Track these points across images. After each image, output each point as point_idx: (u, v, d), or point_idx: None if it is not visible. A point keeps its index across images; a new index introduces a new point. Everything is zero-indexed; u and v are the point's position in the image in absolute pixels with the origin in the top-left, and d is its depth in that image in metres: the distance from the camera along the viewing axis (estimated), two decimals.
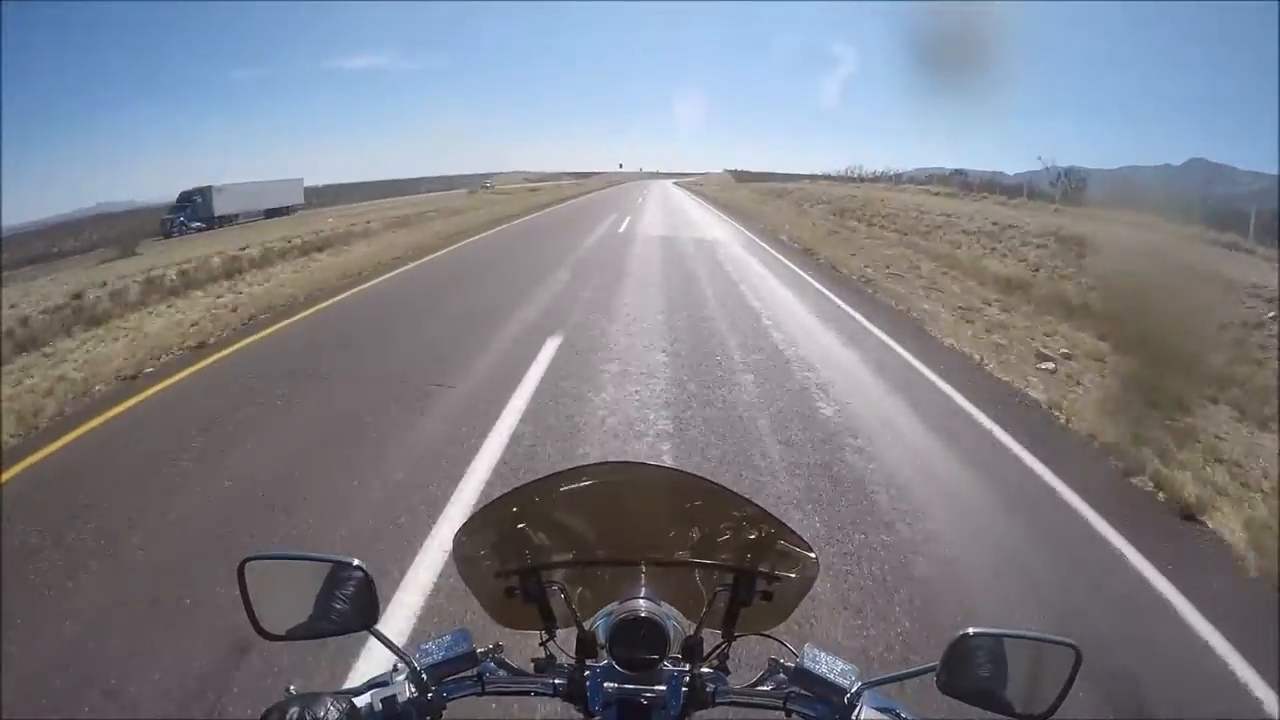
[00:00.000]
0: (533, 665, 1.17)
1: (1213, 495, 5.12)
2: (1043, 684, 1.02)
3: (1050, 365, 8.33)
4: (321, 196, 52.30)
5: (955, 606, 3.73)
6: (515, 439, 5.65)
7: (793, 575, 1.21)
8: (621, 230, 23.95)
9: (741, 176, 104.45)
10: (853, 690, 1.07)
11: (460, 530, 1.21)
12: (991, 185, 30.38)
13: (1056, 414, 6.75)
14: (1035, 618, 3.65)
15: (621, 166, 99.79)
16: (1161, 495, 5.20)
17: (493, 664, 1.15)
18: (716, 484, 1.18)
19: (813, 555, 1.20)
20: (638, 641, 1.09)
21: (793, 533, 1.20)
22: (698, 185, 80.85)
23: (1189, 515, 4.92)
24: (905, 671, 1.06)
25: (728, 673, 1.17)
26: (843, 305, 11.30)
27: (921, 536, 4.40)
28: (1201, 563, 4.39)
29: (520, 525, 1.21)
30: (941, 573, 4.05)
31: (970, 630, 1.02)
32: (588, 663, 1.12)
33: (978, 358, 8.52)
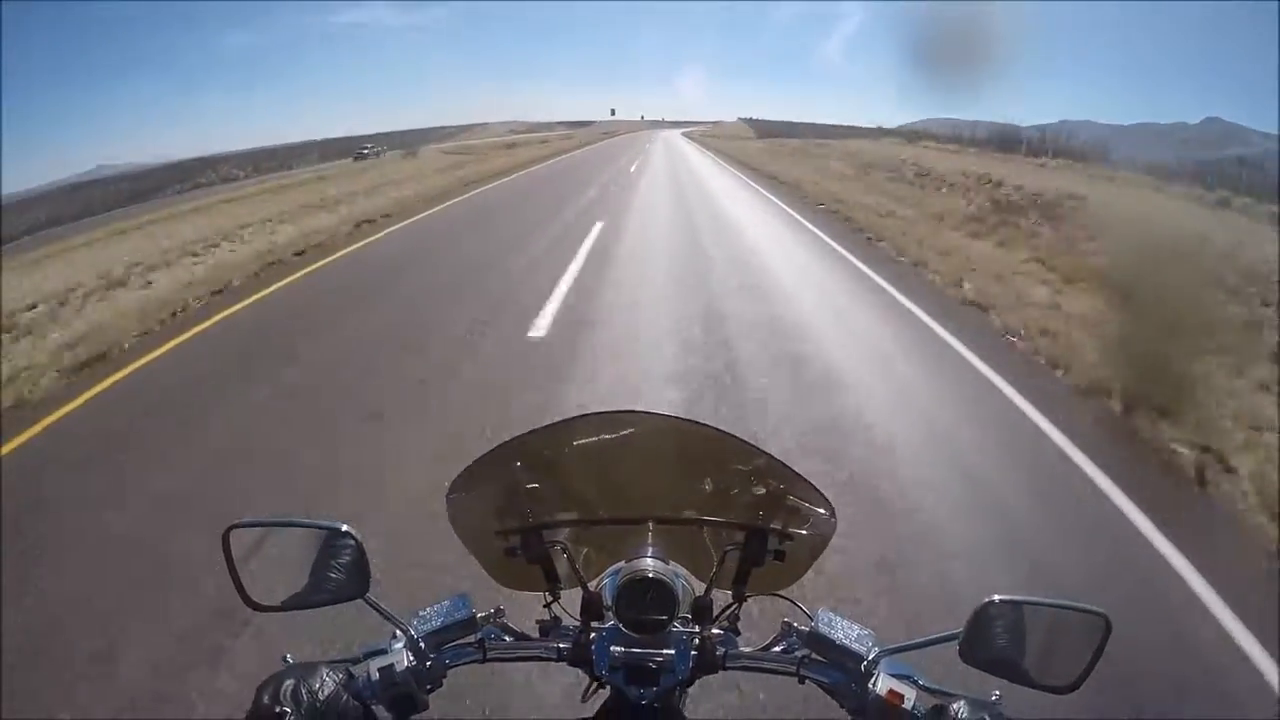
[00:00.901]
0: (537, 628, 1.14)
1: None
2: (1067, 654, 0.98)
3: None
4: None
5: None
6: None
7: (805, 533, 1.14)
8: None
9: (761, 128, 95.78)
10: (870, 657, 1.03)
11: (453, 486, 1.14)
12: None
13: None
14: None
15: (614, 113, 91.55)
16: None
17: (494, 629, 1.12)
18: (728, 433, 1.12)
19: (825, 513, 1.13)
20: (645, 603, 1.05)
21: (809, 485, 1.12)
22: (710, 138, 74.65)
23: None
24: (926, 639, 1.02)
25: (738, 634, 1.14)
26: None
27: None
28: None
29: (519, 480, 1.15)
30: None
31: (995, 598, 0.98)
32: (593, 625, 1.09)
33: None
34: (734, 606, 1.14)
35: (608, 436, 1.16)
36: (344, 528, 1.04)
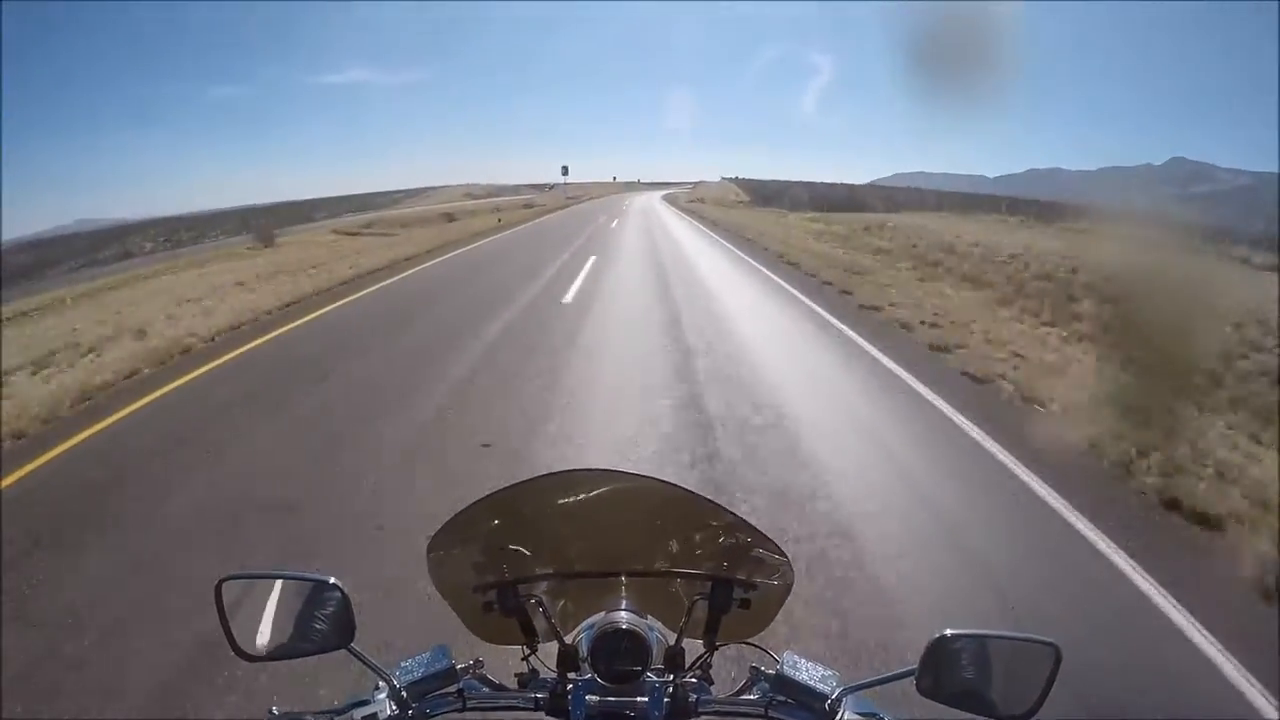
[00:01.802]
0: (515, 680, 1.18)
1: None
2: (1022, 684, 1.02)
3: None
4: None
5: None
6: None
7: (770, 582, 1.22)
8: None
9: (751, 189, 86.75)
10: (833, 696, 1.08)
11: (432, 542, 1.19)
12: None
13: None
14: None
15: (566, 172, 77.06)
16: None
17: (474, 680, 1.16)
18: (693, 492, 1.19)
19: (786, 560, 1.21)
20: (619, 653, 1.09)
21: (768, 539, 1.20)
22: (696, 202, 65.29)
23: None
24: (885, 676, 1.07)
25: (711, 682, 1.20)
26: None
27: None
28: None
29: (495, 538, 1.21)
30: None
31: (948, 632, 1.03)
32: (570, 676, 1.12)
33: None
34: (705, 655, 1.21)
35: (580, 494, 1.21)
36: (331, 580, 1.09)
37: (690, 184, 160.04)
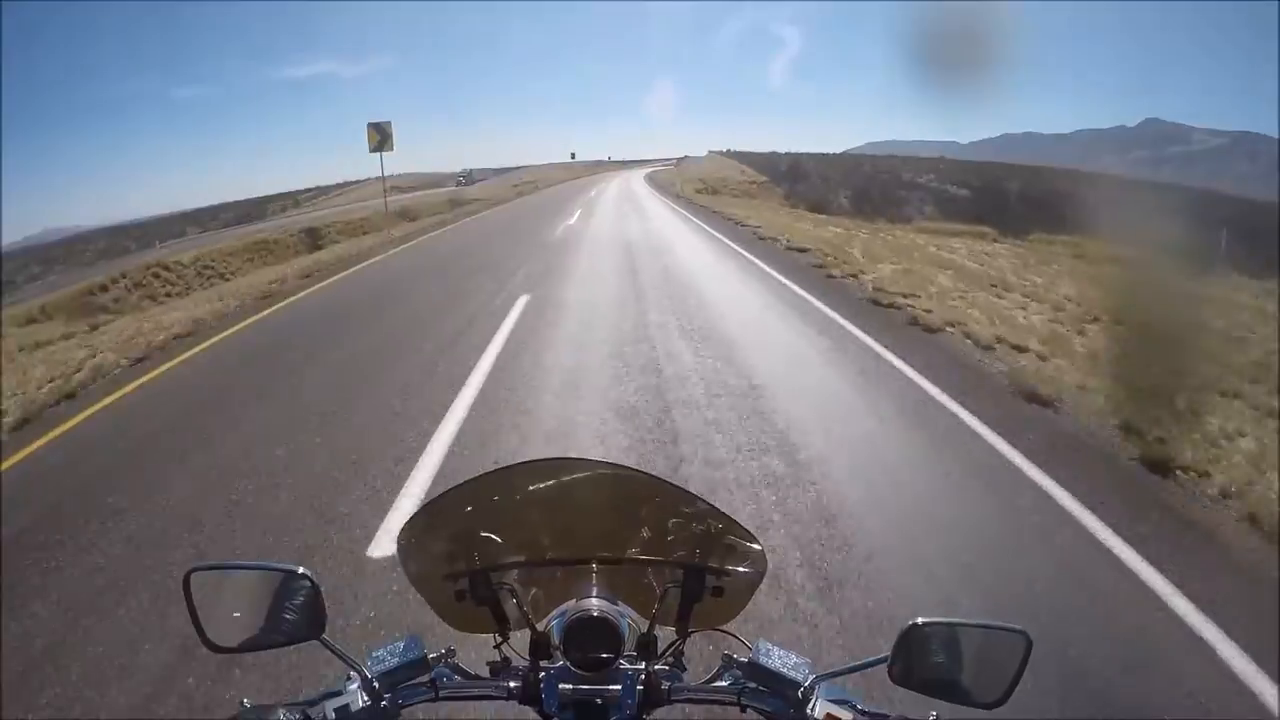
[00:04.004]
0: (488, 669, 1.16)
1: None
2: (992, 671, 1.05)
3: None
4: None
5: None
6: None
7: (742, 570, 1.23)
8: None
9: (762, 165, 75.80)
10: (806, 684, 1.08)
11: (402, 532, 1.21)
12: None
13: None
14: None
15: (466, 173, 73.15)
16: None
17: (446, 669, 1.14)
18: (665, 480, 1.21)
19: (759, 548, 1.22)
20: (592, 641, 1.09)
21: (740, 527, 1.21)
22: (704, 192, 47.54)
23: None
24: (858, 664, 1.10)
25: (683, 669, 1.19)
26: None
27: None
28: None
29: (466, 525, 1.21)
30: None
31: (919, 620, 1.04)
32: (542, 664, 1.12)
33: None
34: (678, 642, 1.21)
35: (552, 482, 1.22)
36: (300, 570, 1.08)
37: (673, 161, 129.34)
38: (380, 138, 23.05)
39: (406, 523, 1.21)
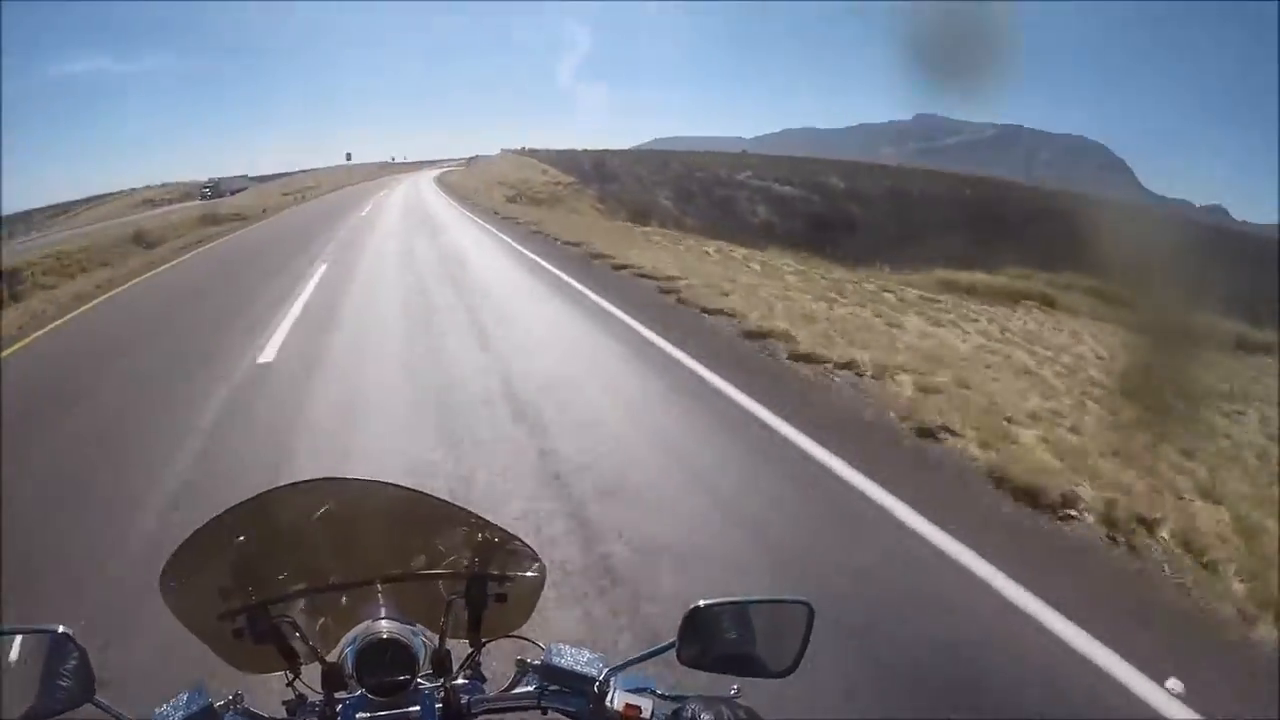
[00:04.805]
0: (283, 709, 1.11)
1: None
2: (782, 642, 1.09)
3: None
4: None
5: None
6: None
7: (524, 574, 1.22)
8: None
9: (568, 164, 66.20)
10: (601, 677, 1.07)
11: (165, 571, 1.11)
12: None
13: None
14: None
15: (212, 183, 61.67)
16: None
17: (236, 715, 1.08)
18: (435, 496, 1.20)
19: (532, 549, 1.22)
20: (386, 664, 1.06)
21: (514, 536, 1.21)
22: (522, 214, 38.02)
23: None
24: (647, 651, 1.10)
25: (484, 680, 1.17)
26: None
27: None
28: None
29: (235, 558, 1.13)
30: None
31: (701, 603, 1.06)
32: (338, 696, 1.07)
33: None
34: (473, 653, 1.18)
35: (320, 505, 1.16)
36: (60, 629, 1.02)
37: (463, 160, 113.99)
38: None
39: (167, 563, 1.10)
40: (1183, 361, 8.50)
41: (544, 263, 14.06)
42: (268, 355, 7.98)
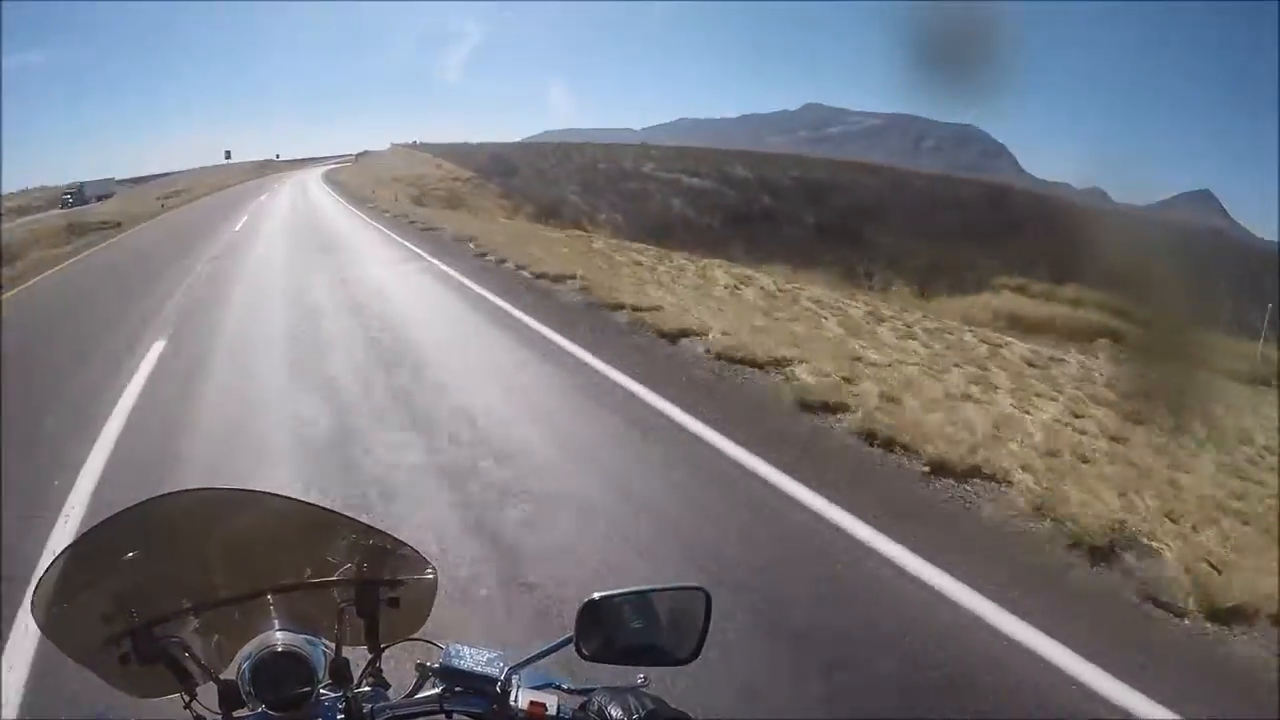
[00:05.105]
0: None
1: None
2: (682, 630, 1.10)
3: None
4: None
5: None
6: None
7: (415, 577, 1.21)
8: None
9: (466, 159, 62.67)
10: (502, 676, 1.06)
11: (35, 600, 1.05)
12: None
13: None
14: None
15: (74, 188, 53.37)
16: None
17: None
18: (318, 505, 1.19)
19: (421, 554, 1.21)
20: (284, 678, 1.03)
21: (401, 542, 1.20)
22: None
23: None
24: (545, 647, 1.09)
25: (388, 687, 1.15)
26: None
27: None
28: None
29: (114, 579, 1.09)
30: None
31: (596, 595, 1.07)
32: (236, 715, 1.05)
33: None
34: (374, 660, 1.16)
35: (198, 517, 1.14)
36: None
37: (351, 156, 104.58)
38: None
39: (35, 590, 1.04)
40: None
41: (496, 295, 10.33)
42: None
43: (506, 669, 1.06)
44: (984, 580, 3.47)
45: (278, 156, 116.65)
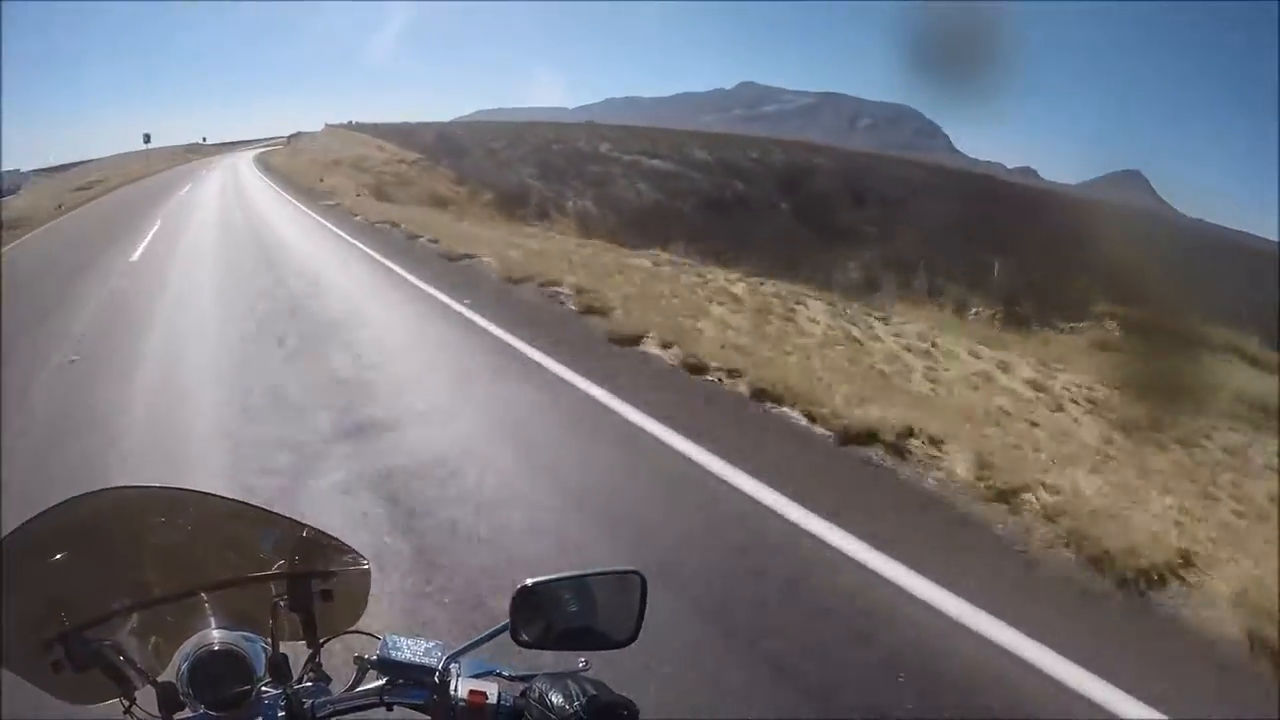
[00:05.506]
0: None
1: None
2: (618, 613, 1.09)
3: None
4: None
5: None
6: None
7: (347, 569, 1.19)
8: None
9: (409, 139, 55.75)
10: (440, 665, 1.05)
11: None
12: None
13: None
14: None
15: None
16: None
17: None
18: (240, 501, 1.19)
19: (352, 548, 1.20)
20: (222, 677, 1.01)
21: (330, 536, 1.19)
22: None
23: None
24: (481, 636, 1.08)
25: (328, 681, 1.13)
26: None
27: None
28: None
29: (40, 583, 1.07)
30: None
31: (529, 582, 1.06)
32: (176, 717, 1.03)
33: None
34: (313, 655, 1.14)
35: (121, 516, 1.12)
36: None
37: (282, 139, 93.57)
38: None
39: None
40: None
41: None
42: None
43: (444, 658, 1.05)
44: None
45: (204, 140, 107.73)
